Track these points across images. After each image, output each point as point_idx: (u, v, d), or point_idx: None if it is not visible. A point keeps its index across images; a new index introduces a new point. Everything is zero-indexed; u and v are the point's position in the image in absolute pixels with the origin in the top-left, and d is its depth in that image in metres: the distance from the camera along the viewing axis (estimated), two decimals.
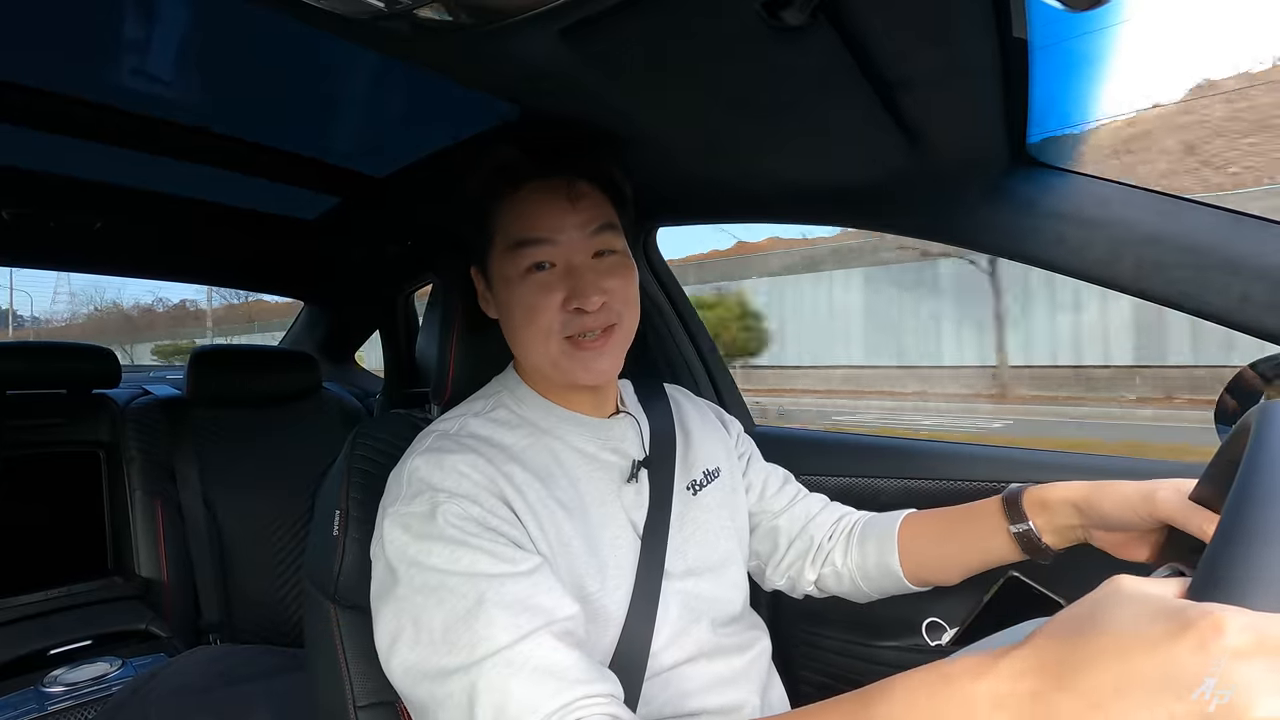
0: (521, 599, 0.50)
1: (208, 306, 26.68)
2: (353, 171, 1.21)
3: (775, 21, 0.48)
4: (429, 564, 0.51)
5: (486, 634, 0.47)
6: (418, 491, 0.55)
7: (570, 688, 0.46)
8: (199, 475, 1.54)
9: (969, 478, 1.03)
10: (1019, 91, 0.65)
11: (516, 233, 0.63)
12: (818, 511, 0.82)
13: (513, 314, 0.64)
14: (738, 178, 0.93)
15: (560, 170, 0.65)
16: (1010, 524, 0.66)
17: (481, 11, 0.46)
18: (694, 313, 1.31)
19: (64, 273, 16.46)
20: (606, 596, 0.60)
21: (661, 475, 0.70)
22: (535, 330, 0.63)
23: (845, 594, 0.79)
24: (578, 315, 0.62)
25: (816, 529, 0.80)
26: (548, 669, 0.47)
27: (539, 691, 0.45)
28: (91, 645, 1.24)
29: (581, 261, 0.63)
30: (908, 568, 0.73)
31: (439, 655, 0.48)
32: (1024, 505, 0.66)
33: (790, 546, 0.80)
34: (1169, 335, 8.27)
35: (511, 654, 0.47)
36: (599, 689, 0.47)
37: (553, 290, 0.62)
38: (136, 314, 31.44)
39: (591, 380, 0.64)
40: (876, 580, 0.75)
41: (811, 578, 0.79)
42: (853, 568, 0.76)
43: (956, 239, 0.88)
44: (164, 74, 0.89)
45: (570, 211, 0.63)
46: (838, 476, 1.13)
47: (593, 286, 0.62)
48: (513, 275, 0.63)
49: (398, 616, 0.51)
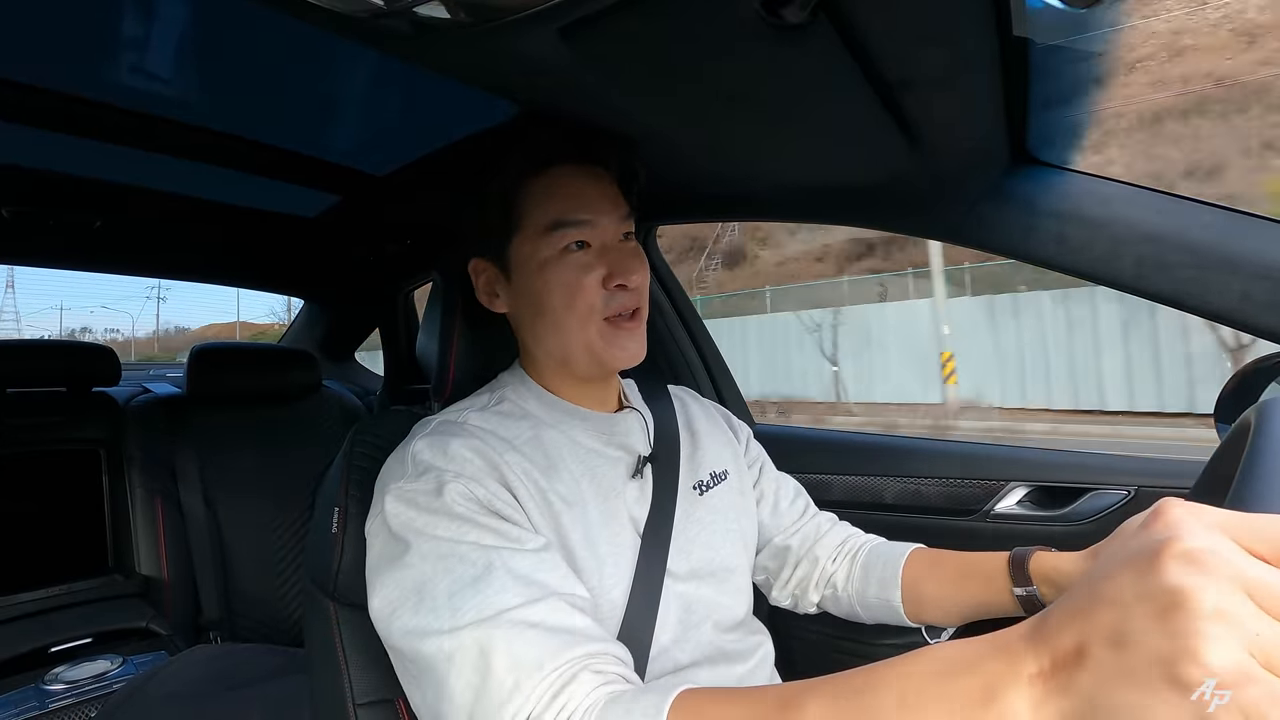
0: (528, 572, 0.50)
1: (131, 337, 26.50)
2: (353, 170, 1.21)
3: (775, 20, 0.48)
4: (437, 534, 0.51)
5: (497, 598, 0.47)
6: (423, 471, 0.55)
7: (587, 643, 0.46)
8: (199, 473, 1.54)
9: (970, 476, 1.04)
10: (1020, 90, 0.65)
11: (555, 213, 0.63)
12: (826, 531, 0.81)
13: (548, 296, 0.63)
14: (737, 176, 0.93)
15: (592, 156, 0.66)
16: (1015, 586, 0.64)
17: (481, 9, 0.46)
18: (694, 312, 1.31)
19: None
20: (604, 595, 0.59)
21: (666, 472, 0.69)
22: (576, 309, 0.63)
23: (843, 616, 0.78)
24: (617, 293, 0.63)
25: (822, 549, 0.79)
26: (562, 627, 0.47)
27: (555, 644, 0.45)
28: (92, 643, 1.25)
29: (614, 243, 0.65)
30: (909, 606, 0.72)
31: (446, 617, 0.47)
32: (1030, 571, 0.63)
33: (797, 566, 0.79)
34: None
35: (526, 612, 0.47)
36: (614, 650, 0.48)
37: (593, 268, 0.63)
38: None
39: (625, 361, 0.65)
40: (875, 610, 0.74)
41: (815, 599, 0.78)
42: (853, 594, 0.75)
43: (957, 238, 0.88)
44: (164, 72, 0.89)
45: (603, 196, 0.65)
46: (839, 475, 1.13)
47: (630, 265, 0.63)
48: (548, 257, 0.63)
49: (401, 583, 0.51)
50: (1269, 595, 0.25)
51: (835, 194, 0.93)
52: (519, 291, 0.66)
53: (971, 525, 1.02)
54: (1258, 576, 0.25)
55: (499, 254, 0.67)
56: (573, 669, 0.44)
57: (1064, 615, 0.29)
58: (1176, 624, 0.25)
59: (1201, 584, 0.25)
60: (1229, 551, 0.26)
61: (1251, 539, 0.26)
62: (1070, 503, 0.96)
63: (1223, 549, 0.26)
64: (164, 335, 29.29)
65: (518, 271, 0.66)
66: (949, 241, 0.92)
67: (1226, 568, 0.25)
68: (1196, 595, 0.25)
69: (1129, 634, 0.26)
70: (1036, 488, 0.99)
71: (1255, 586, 0.25)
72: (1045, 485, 0.99)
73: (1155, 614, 0.25)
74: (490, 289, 0.69)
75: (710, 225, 15.64)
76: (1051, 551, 0.63)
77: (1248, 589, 0.25)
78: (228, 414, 1.64)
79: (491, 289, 0.69)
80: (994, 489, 1.01)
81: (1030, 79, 0.64)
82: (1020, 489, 1.00)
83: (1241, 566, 0.25)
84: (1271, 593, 0.25)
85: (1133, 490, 0.92)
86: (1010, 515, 1.00)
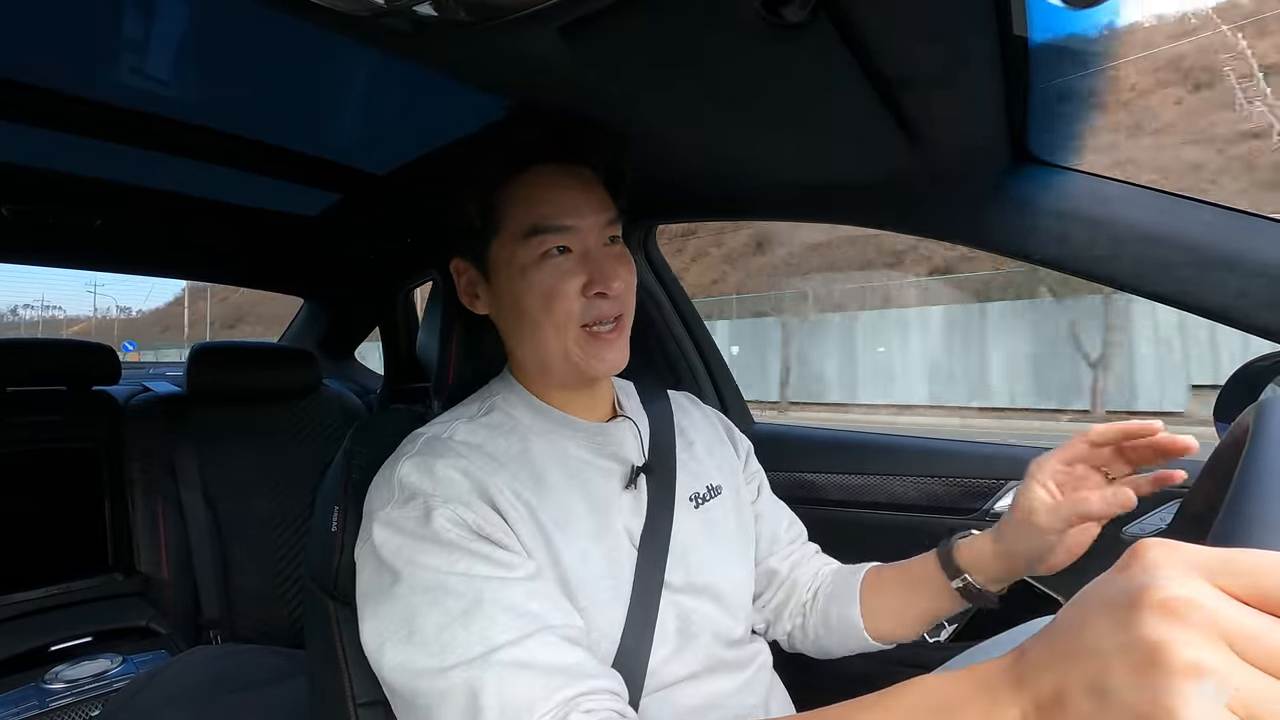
0: (520, 603, 0.49)
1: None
2: (353, 168, 1.21)
3: (775, 19, 0.48)
4: (426, 563, 0.50)
5: (486, 634, 0.47)
6: (410, 496, 0.54)
7: (577, 682, 0.46)
8: (199, 472, 1.54)
9: (970, 475, 1.04)
10: (1020, 89, 0.65)
11: (534, 218, 0.61)
12: (808, 559, 0.80)
13: (525, 302, 0.62)
14: (737, 175, 0.93)
15: (575, 156, 0.64)
16: (949, 579, 0.65)
17: (481, 8, 0.46)
18: (694, 312, 1.31)
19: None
20: (600, 610, 0.57)
21: (662, 483, 0.67)
22: (553, 317, 0.61)
23: (809, 651, 0.77)
24: (597, 301, 0.61)
25: (802, 576, 0.77)
26: (553, 666, 0.46)
27: (545, 685, 0.45)
28: (92, 642, 1.25)
29: (596, 247, 0.62)
30: (869, 621, 0.71)
31: (435, 653, 0.47)
32: (958, 560, 0.65)
33: (779, 589, 0.78)
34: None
35: (515, 650, 0.46)
36: (605, 684, 0.47)
37: (572, 275, 0.61)
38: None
39: (604, 372, 0.63)
40: (837, 629, 0.73)
41: (787, 628, 0.77)
42: (818, 623, 0.74)
43: (957, 237, 0.88)
44: (164, 71, 0.89)
45: (586, 198, 0.63)
46: (838, 475, 1.13)
47: (612, 272, 0.61)
48: (527, 262, 0.61)
49: (391, 615, 0.50)
50: (1248, 643, 0.24)
51: (835, 193, 0.93)
52: (499, 295, 0.65)
53: (971, 525, 1.02)
54: (1238, 624, 0.24)
55: (479, 256, 0.65)
56: (563, 711, 0.44)
57: (1043, 658, 0.29)
58: (1154, 680, 0.24)
59: (1179, 638, 0.24)
60: (1207, 598, 0.25)
61: (1231, 581, 0.25)
62: None
63: (1201, 596, 0.25)
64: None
65: (497, 275, 0.64)
66: (949, 241, 0.92)
67: (1205, 617, 0.24)
68: (1174, 650, 0.24)
69: (1108, 687, 0.25)
70: None
71: (1235, 635, 0.24)
72: None
73: (1133, 668, 0.25)
74: (471, 290, 0.68)
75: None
76: (969, 535, 0.67)
77: (1227, 638, 0.24)
78: (228, 412, 1.64)
79: (472, 290, 0.67)
80: (993, 488, 1.01)
81: (1030, 78, 0.64)
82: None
83: (1220, 615, 0.24)
84: (1251, 640, 0.24)
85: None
86: None
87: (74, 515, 1.44)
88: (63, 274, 45.69)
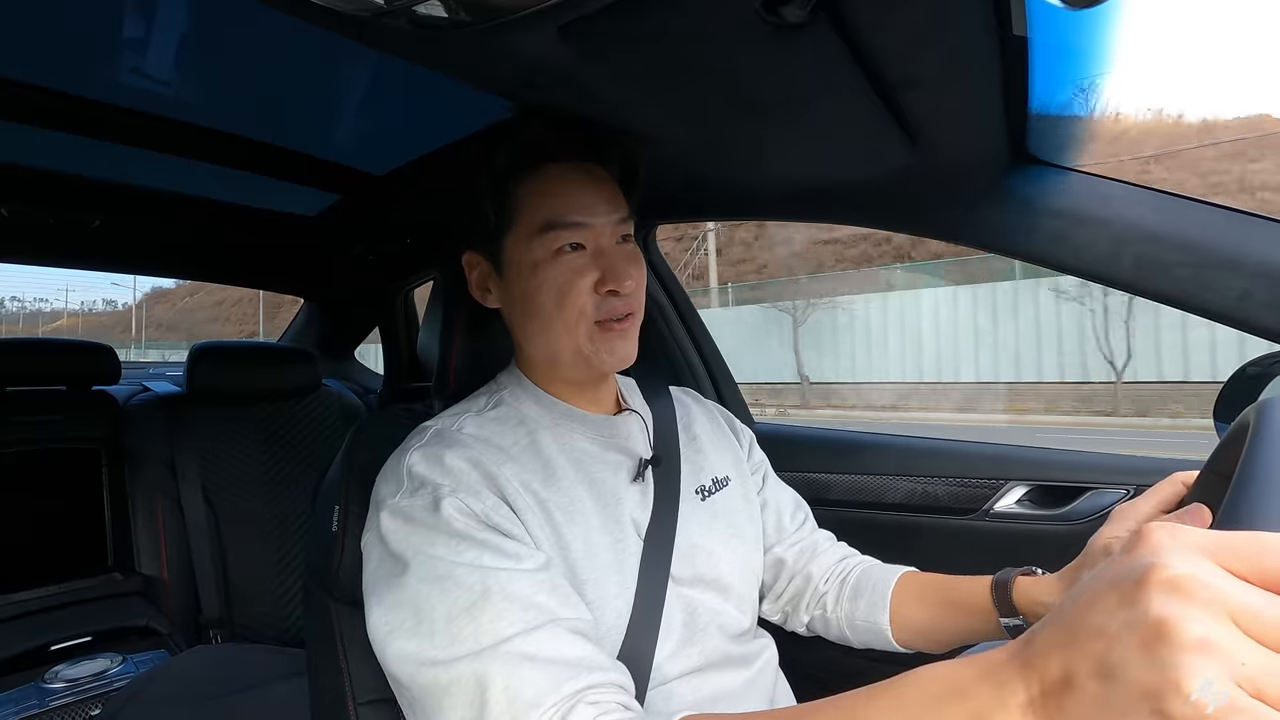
0: (528, 595, 0.49)
1: None
2: (353, 169, 1.21)
3: (774, 19, 0.48)
4: (434, 553, 0.50)
5: (494, 626, 0.47)
6: (418, 486, 0.54)
7: (584, 674, 0.46)
8: (199, 471, 1.54)
9: (970, 475, 1.04)
10: (1019, 90, 0.65)
11: (548, 213, 0.61)
12: (823, 550, 0.79)
13: (538, 297, 0.62)
14: (738, 175, 0.93)
15: (590, 153, 0.64)
16: (1001, 617, 0.63)
17: (480, 9, 0.46)
18: (694, 312, 1.31)
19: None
20: (606, 604, 0.57)
21: (668, 475, 0.67)
22: (565, 313, 0.61)
23: (833, 639, 0.76)
24: (608, 299, 0.61)
25: (817, 568, 0.77)
26: (560, 659, 0.46)
27: (552, 678, 0.45)
28: (92, 641, 1.25)
29: (609, 245, 0.63)
30: (897, 630, 0.70)
31: (443, 645, 0.47)
32: (1014, 600, 0.62)
33: (791, 580, 0.77)
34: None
35: (523, 643, 0.46)
36: (613, 677, 0.47)
37: (585, 272, 0.61)
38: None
39: (615, 365, 0.63)
40: (863, 633, 0.72)
41: (805, 619, 0.76)
42: (842, 617, 0.74)
43: (957, 237, 0.88)
44: (164, 71, 0.89)
45: (601, 196, 0.63)
46: (839, 475, 1.13)
47: (624, 270, 0.61)
48: (541, 258, 0.61)
49: (398, 604, 0.50)
50: (1254, 620, 0.24)
51: (835, 193, 0.93)
52: (511, 289, 0.65)
53: (971, 524, 1.02)
54: (1242, 601, 0.25)
55: (492, 250, 0.65)
56: (569, 703, 0.44)
57: (1050, 641, 0.29)
58: (1161, 656, 0.24)
59: (1185, 614, 0.24)
60: (1212, 576, 0.25)
61: (1235, 561, 0.26)
62: (1069, 502, 0.96)
63: (1206, 574, 0.25)
64: None
65: (510, 269, 0.64)
66: (949, 241, 0.92)
67: (1210, 594, 0.25)
68: (1180, 626, 0.24)
69: (1115, 666, 0.26)
70: (1035, 487, 1.00)
71: (1240, 612, 0.24)
72: (1044, 484, 0.99)
73: (1140, 646, 0.25)
74: (483, 284, 0.68)
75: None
76: (1031, 576, 0.63)
77: (1233, 615, 0.24)
78: (228, 412, 1.64)
79: (484, 284, 0.68)
80: (993, 488, 1.01)
81: (1030, 79, 0.64)
82: (1019, 488, 1.00)
83: (1226, 592, 0.25)
84: (1256, 617, 0.24)
85: (1131, 489, 0.92)
86: (1010, 514, 1.00)
87: (74, 515, 1.44)
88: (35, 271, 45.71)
